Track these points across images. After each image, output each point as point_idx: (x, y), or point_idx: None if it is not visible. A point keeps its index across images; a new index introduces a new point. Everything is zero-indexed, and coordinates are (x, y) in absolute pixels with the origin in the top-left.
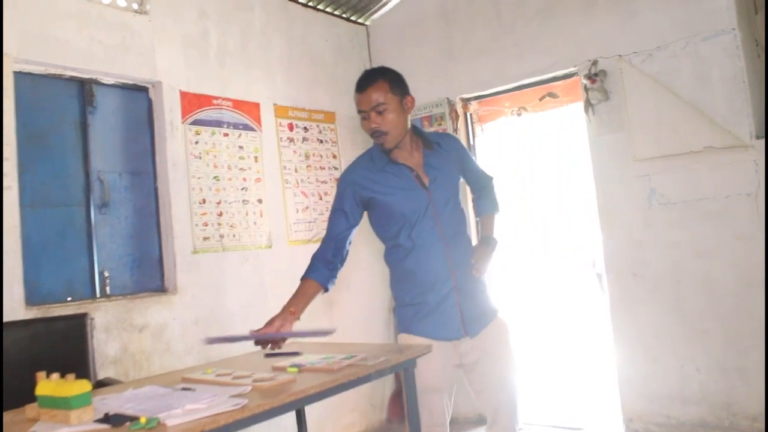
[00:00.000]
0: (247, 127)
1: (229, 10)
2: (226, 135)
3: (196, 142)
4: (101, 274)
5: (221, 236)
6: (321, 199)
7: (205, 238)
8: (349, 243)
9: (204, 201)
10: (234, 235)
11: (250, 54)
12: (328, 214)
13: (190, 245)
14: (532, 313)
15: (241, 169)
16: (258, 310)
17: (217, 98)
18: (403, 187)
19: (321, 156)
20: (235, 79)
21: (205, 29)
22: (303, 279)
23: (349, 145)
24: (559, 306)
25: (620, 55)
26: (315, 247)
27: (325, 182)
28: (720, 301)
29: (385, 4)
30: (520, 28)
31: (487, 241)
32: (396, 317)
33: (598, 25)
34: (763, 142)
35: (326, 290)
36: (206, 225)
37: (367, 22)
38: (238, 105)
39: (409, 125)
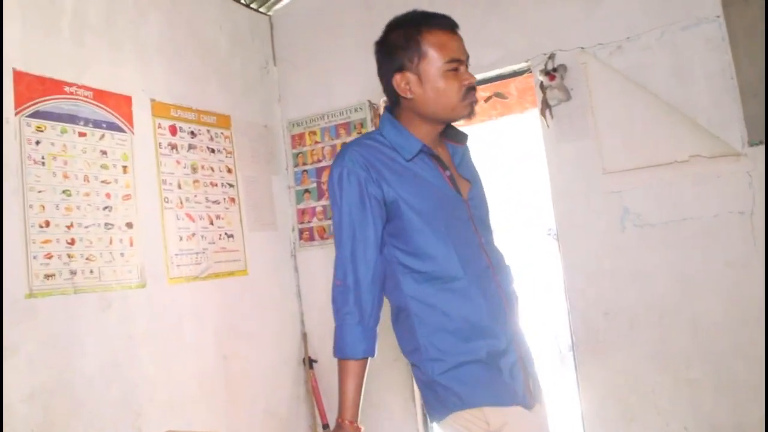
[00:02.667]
0: (113, 127)
1: None
2: (82, 135)
3: (38, 143)
4: None
5: (72, 273)
6: (212, 223)
7: (48, 276)
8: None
9: (47, 224)
10: (92, 271)
11: (118, 31)
12: (221, 243)
13: (25, 285)
14: None
15: (103, 181)
16: (125, 371)
17: (70, 85)
18: (441, 190)
19: (212, 169)
20: (97, 61)
21: None
22: (344, 359)
23: (249, 157)
24: None
25: (583, 48)
26: (204, 286)
27: (217, 202)
28: (710, 342)
29: None
30: (459, 15)
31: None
32: (441, 389)
33: (554, 12)
34: (758, 149)
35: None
36: (50, 257)
37: (269, 12)
38: (102, 96)
39: None
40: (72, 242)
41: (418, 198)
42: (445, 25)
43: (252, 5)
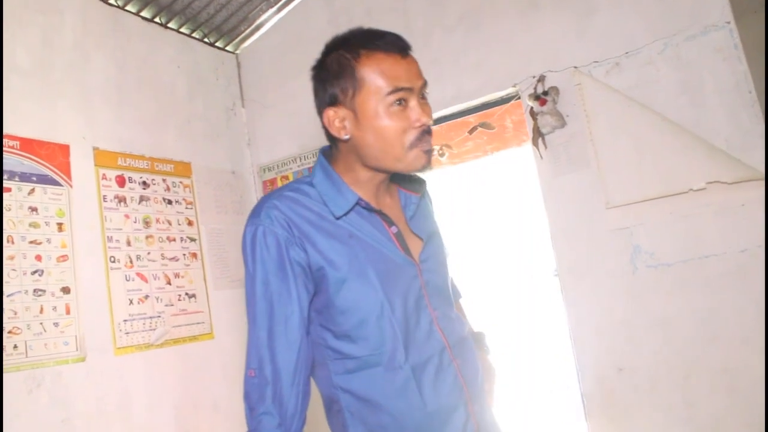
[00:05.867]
0: (45, 180)
1: (17, 6)
2: (6, 190)
3: None
4: None
5: None
6: (170, 283)
7: None
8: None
9: None
10: (16, 346)
11: (54, 74)
12: (181, 304)
13: None
14: None
15: (32, 242)
16: None
17: None
18: (382, 253)
19: (169, 222)
20: (26, 107)
21: None
22: None
23: (213, 207)
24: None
25: (576, 67)
26: (159, 354)
27: (175, 259)
28: (748, 402)
29: (260, 26)
30: (437, 40)
31: (479, 341)
32: None
33: (542, 30)
34: None
35: None
36: None
37: (237, 51)
38: (31, 146)
39: None
40: None
41: (351, 265)
42: (391, 45)
43: (217, 44)
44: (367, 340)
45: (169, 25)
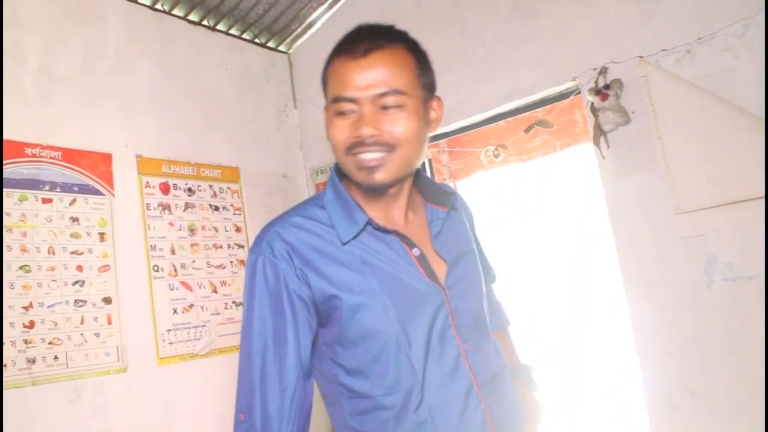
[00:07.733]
0: (87, 189)
1: (59, 17)
2: (47, 201)
3: None
4: None
5: (30, 361)
6: (216, 291)
7: None
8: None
9: None
10: (56, 357)
11: (96, 83)
12: (228, 313)
13: None
14: None
15: (74, 252)
16: None
17: (33, 146)
18: (400, 279)
19: (216, 229)
20: (68, 117)
21: (17, 42)
22: None
23: (263, 212)
24: None
25: (642, 57)
26: (204, 365)
27: (222, 267)
28: None
29: (312, 24)
30: (491, 33)
31: (525, 376)
32: None
33: (604, 17)
34: None
35: None
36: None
37: (289, 51)
38: (72, 156)
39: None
40: (31, 325)
41: (364, 294)
42: (350, 47)
43: (269, 44)
44: (382, 378)
45: (218, 27)
